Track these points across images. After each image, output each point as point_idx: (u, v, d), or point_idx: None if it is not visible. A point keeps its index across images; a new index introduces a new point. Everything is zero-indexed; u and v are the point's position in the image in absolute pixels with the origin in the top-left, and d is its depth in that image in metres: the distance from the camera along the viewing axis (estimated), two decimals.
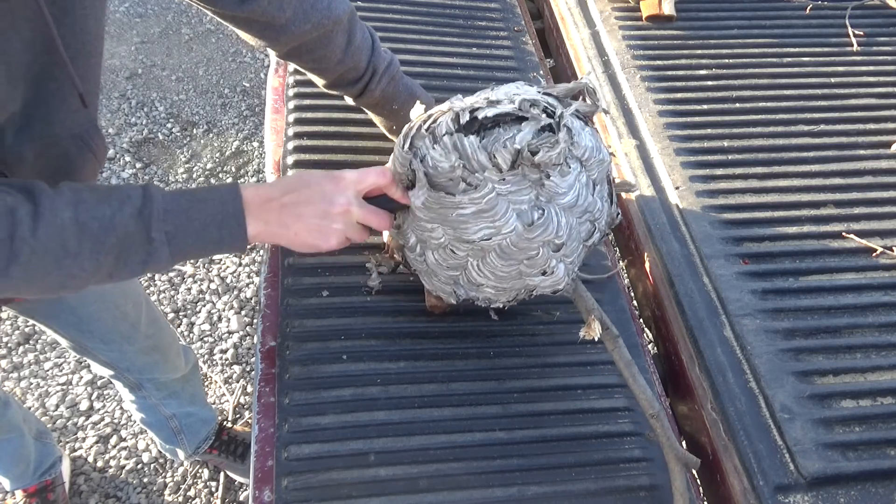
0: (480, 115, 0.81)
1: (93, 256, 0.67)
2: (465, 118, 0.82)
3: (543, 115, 0.80)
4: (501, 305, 0.92)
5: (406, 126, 0.85)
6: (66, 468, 1.75)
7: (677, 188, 1.17)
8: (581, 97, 0.88)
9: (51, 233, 0.64)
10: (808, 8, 1.54)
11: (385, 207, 0.82)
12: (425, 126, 0.84)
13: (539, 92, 0.87)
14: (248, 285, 2.21)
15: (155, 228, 0.69)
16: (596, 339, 0.85)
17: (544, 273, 0.86)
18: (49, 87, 0.77)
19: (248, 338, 2.09)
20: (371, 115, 1.14)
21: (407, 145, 0.84)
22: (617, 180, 0.95)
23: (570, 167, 0.81)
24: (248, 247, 0.77)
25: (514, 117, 0.80)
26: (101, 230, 0.67)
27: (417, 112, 0.88)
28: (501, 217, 0.80)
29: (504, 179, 0.79)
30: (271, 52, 1.04)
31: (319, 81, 1.06)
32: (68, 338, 1.27)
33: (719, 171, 1.21)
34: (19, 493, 1.64)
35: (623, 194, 1.19)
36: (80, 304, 1.20)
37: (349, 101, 1.11)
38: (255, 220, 0.74)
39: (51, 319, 1.22)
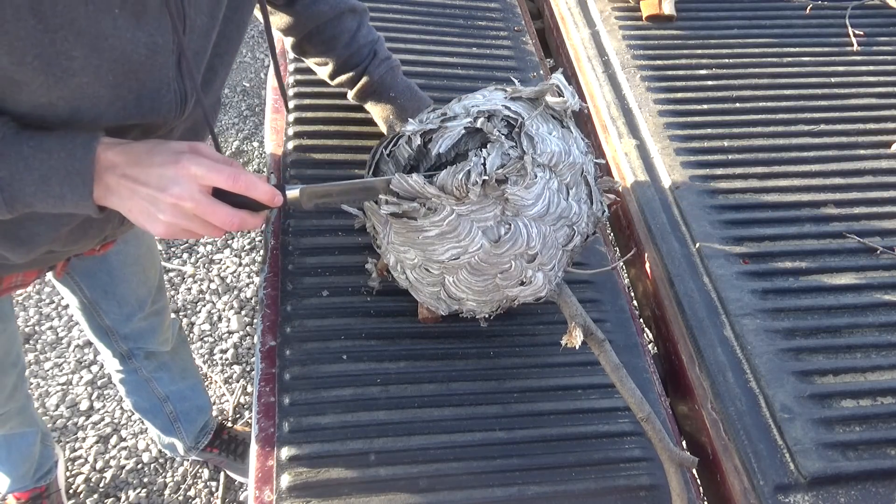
0: (434, 149, 0.84)
1: None
2: (416, 142, 0.85)
3: (503, 137, 0.81)
4: (487, 315, 0.92)
5: (374, 147, 0.90)
6: (61, 472, 1.72)
7: (677, 188, 1.17)
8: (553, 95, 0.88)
9: None
10: (808, 8, 1.54)
11: (240, 203, 0.72)
12: (387, 151, 0.86)
13: (505, 98, 0.87)
14: (248, 285, 2.21)
15: None
16: (577, 346, 0.85)
17: (522, 283, 0.86)
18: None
19: (248, 338, 2.09)
20: (370, 112, 1.14)
21: (370, 172, 0.87)
22: (599, 178, 0.94)
23: (535, 177, 0.80)
24: (99, 208, 0.69)
25: (476, 130, 0.83)
26: None
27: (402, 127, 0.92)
28: (466, 236, 0.80)
29: (462, 201, 0.79)
30: (287, 41, 1.12)
31: (324, 70, 1.11)
32: (88, 297, 1.27)
33: (719, 171, 1.21)
34: (11, 499, 1.61)
35: (621, 191, 1.20)
36: (121, 265, 1.22)
37: (348, 95, 1.12)
38: (99, 184, 0.67)
39: (85, 277, 1.23)
